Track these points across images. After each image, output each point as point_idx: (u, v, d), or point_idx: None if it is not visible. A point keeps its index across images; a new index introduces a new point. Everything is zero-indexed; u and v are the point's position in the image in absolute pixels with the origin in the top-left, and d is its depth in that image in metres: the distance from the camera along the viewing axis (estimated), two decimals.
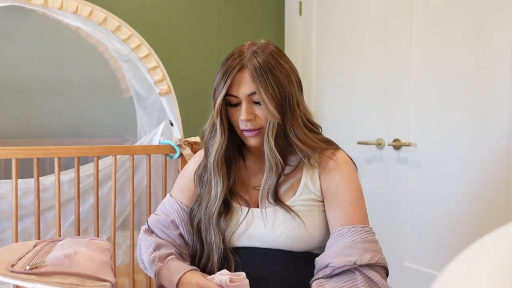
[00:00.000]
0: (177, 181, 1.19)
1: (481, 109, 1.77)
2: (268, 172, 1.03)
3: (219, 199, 1.04)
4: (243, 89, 0.99)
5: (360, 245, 0.94)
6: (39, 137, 2.44)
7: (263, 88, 0.97)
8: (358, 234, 0.96)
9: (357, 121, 2.30)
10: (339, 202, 1.01)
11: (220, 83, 1.00)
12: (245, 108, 1.00)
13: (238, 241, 1.04)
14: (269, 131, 1.00)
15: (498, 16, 1.71)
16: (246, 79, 0.99)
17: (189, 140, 1.92)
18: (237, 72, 0.99)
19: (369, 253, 0.93)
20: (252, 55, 0.99)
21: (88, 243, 1.00)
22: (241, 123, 1.02)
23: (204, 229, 1.06)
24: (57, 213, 1.65)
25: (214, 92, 1.02)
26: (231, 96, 1.01)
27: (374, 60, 2.21)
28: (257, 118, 1.01)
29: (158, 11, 2.52)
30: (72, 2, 1.68)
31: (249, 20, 2.76)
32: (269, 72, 0.98)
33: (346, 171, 1.04)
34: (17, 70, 2.42)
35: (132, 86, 2.25)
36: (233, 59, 1.00)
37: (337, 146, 1.10)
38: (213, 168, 1.05)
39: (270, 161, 1.01)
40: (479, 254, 0.37)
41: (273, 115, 0.98)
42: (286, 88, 1.00)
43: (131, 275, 1.82)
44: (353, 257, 0.92)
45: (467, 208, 1.83)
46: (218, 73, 1.02)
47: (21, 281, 0.81)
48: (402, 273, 2.04)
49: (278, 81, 0.99)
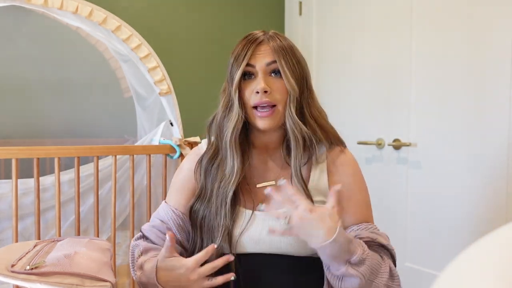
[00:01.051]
0: (172, 184, 1.12)
1: (481, 109, 1.77)
2: (295, 149, 0.98)
3: (235, 175, 0.98)
4: (262, 58, 0.97)
5: (378, 232, 0.98)
6: (39, 137, 2.45)
7: (284, 60, 0.97)
8: (374, 229, 0.99)
9: (357, 121, 2.30)
10: (354, 204, 1.01)
11: (240, 54, 0.98)
12: (263, 78, 0.97)
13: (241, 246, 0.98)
14: (291, 104, 0.97)
15: (499, 17, 1.71)
16: (267, 50, 0.98)
17: (189, 140, 1.92)
18: (258, 44, 0.98)
19: (385, 240, 0.97)
20: (271, 36, 1.00)
21: (88, 243, 1.00)
22: (255, 96, 0.97)
23: (215, 213, 1.00)
24: (57, 213, 1.65)
25: (232, 67, 0.99)
26: (249, 66, 0.98)
27: (374, 60, 2.21)
28: (273, 91, 0.97)
29: (158, 11, 2.52)
30: (72, 2, 1.68)
31: (249, 20, 2.76)
32: (289, 49, 0.99)
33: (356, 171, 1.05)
34: (17, 70, 2.42)
35: (132, 86, 2.25)
36: (252, 35, 1.00)
37: (344, 144, 1.08)
38: (230, 144, 0.98)
39: (296, 136, 0.97)
40: (479, 254, 0.37)
41: (293, 86, 0.97)
42: (304, 69, 1.01)
43: (131, 275, 1.82)
44: (373, 235, 0.95)
45: (467, 208, 1.83)
46: (234, 51, 1.00)
47: (21, 281, 0.81)
48: (402, 273, 2.03)
49: (297, 60, 1.00)
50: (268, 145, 1.06)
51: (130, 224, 1.82)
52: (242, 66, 0.97)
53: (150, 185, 1.87)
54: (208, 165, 1.04)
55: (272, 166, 1.05)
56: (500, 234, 0.38)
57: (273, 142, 1.05)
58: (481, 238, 0.39)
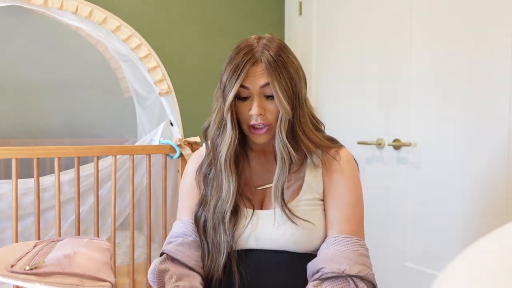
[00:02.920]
0: (181, 195, 1.13)
1: (481, 109, 1.77)
2: (280, 168, 1.00)
3: (232, 197, 1.01)
4: (256, 81, 0.97)
5: (351, 256, 0.94)
6: (39, 137, 2.45)
7: (277, 82, 0.96)
8: (352, 245, 0.96)
9: (357, 121, 2.30)
10: (338, 202, 1.02)
11: (232, 77, 0.97)
12: (257, 102, 0.98)
13: (244, 243, 1.02)
14: (281, 126, 0.98)
15: (499, 16, 1.71)
16: (260, 72, 0.97)
17: (189, 140, 1.92)
18: (250, 66, 0.97)
19: (359, 266, 0.93)
20: (264, 49, 0.98)
21: (88, 243, 1.00)
22: (252, 118, 0.99)
23: (213, 229, 1.02)
24: (57, 213, 1.65)
25: (225, 87, 0.99)
26: (243, 88, 0.98)
27: (374, 60, 2.21)
28: (267, 113, 0.99)
29: (158, 11, 2.52)
30: (72, 2, 1.68)
31: (249, 20, 2.76)
32: (282, 66, 0.97)
33: (348, 171, 1.04)
34: (17, 70, 2.42)
35: (132, 86, 2.25)
36: (244, 53, 0.98)
37: (340, 144, 1.10)
38: (225, 165, 1.01)
39: (283, 157, 0.99)
40: (479, 254, 0.37)
41: (285, 110, 0.97)
42: (297, 84, 1.00)
43: (131, 275, 1.82)
44: (342, 265, 0.92)
45: (467, 208, 1.83)
46: (228, 67, 0.99)
47: (21, 281, 0.81)
48: (402, 273, 2.04)
49: (290, 76, 0.98)
50: (265, 149, 1.09)
51: (130, 224, 1.82)
52: (234, 89, 0.97)
53: (150, 185, 1.87)
54: (206, 171, 1.07)
55: (271, 168, 1.07)
56: (500, 234, 0.38)
57: (270, 146, 1.08)
58: (481, 238, 0.39)
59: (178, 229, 1.08)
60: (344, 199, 1.02)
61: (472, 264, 0.36)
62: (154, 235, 2.09)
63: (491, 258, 0.35)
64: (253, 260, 1.01)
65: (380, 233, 2.17)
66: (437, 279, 0.37)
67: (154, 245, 2.09)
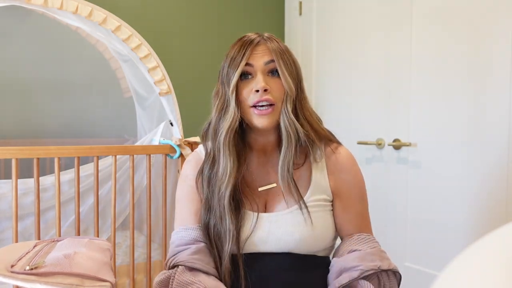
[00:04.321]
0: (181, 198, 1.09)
1: (481, 109, 1.77)
2: (286, 147, 0.99)
3: (229, 175, 0.97)
4: (260, 58, 0.98)
5: (378, 253, 1.00)
6: (39, 137, 2.44)
7: (282, 60, 0.99)
8: (373, 243, 1.03)
9: (357, 121, 2.30)
10: (352, 202, 1.04)
11: (237, 55, 0.98)
12: (262, 77, 0.98)
13: (251, 247, 1.00)
14: (287, 102, 0.98)
15: (498, 17, 1.71)
16: (265, 50, 0.99)
17: (189, 140, 1.92)
18: (255, 45, 0.99)
19: (386, 260, 0.99)
20: (267, 37, 1.02)
21: (88, 243, 1.00)
22: (254, 95, 0.97)
23: (220, 219, 0.98)
24: (57, 213, 1.65)
25: (228, 67, 0.99)
26: (247, 65, 0.98)
27: (374, 60, 2.21)
28: (272, 90, 0.98)
29: (158, 11, 2.52)
30: (72, 2, 1.68)
31: (249, 20, 2.76)
32: (286, 51, 1.01)
33: (356, 171, 1.08)
34: (17, 70, 2.42)
35: (132, 86, 2.25)
36: (247, 37, 1.01)
37: (339, 141, 1.11)
38: (224, 143, 0.98)
39: (289, 134, 0.98)
40: (479, 254, 0.37)
41: (290, 86, 0.98)
42: (299, 71, 1.04)
43: (131, 275, 1.82)
44: (376, 262, 0.97)
45: (467, 208, 1.83)
46: (228, 54, 1.01)
47: (21, 282, 0.81)
48: (402, 273, 2.04)
49: (292, 60, 1.02)
50: (265, 147, 1.07)
51: (130, 224, 1.82)
52: (241, 66, 0.97)
53: (150, 185, 1.87)
54: (209, 173, 1.04)
55: (272, 169, 1.06)
56: (500, 234, 0.38)
57: (270, 143, 1.06)
58: (481, 238, 0.39)
59: (186, 235, 1.02)
60: (354, 198, 1.05)
61: (472, 264, 0.36)
62: (154, 235, 2.09)
63: (491, 258, 0.35)
64: (260, 263, 1.00)
65: (380, 233, 2.16)
66: (437, 279, 0.37)
67: (154, 245, 2.09)
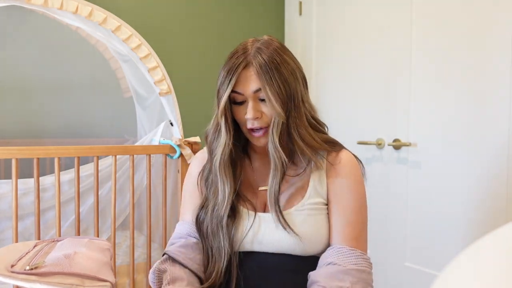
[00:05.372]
0: (184, 194, 1.13)
1: (481, 109, 1.77)
2: (273, 172, 0.99)
3: (227, 201, 1.00)
4: (248, 86, 0.97)
5: (354, 273, 0.92)
6: (39, 137, 2.45)
7: (269, 86, 0.95)
8: (355, 258, 0.95)
9: (357, 121, 2.30)
10: (343, 208, 1.00)
11: (224, 82, 0.98)
12: (252, 106, 0.97)
13: (247, 246, 1.01)
14: (274, 129, 0.98)
15: (498, 17, 1.71)
16: (252, 76, 0.97)
17: (189, 140, 1.92)
18: (242, 69, 0.97)
19: (361, 284, 0.91)
20: (256, 52, 0.97)
21: (88, 243, 1.00)
22: (248, 121, 1.00)
23: (211, 233, 1.02)
24: (57, 213, 1.65)
25: (218, 91, 1.00)
26: (236, 93, 0.98)
27: (374, 60, 2.21)
28: (263, 115, 0.99)
29: (158, 11, 2.52)
30: (72, 2, 1.68)
31: (249, 20, 2.76)
32: (274, 69, 0.96)
33: (353, 175, 1.03)
34: (17, 70, 2.42)
35: (132, 86, 2.25)
36: (237, 56, 0.98)
37: (341, 146, 1.08)
38: (219, 169, 1.01)
39: (275, 161, 0.98)
40: (479, 254, 0.37)
41: (279, 113, 0.96)
42: (292, 86, 0.98)
43: (131, 275, 1.82)
44: (344, 283, 0.90)
45: (467, 208, 1.83)
46: (222, 71, 1.00)
47: (21, 281, 0.81)
48: (402, 273, 2.04)
49: (283, 79, 0.97)
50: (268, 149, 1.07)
51: (130, 224, 1.82)
52: (226, 94, 0.97)
53: (150, 185, 1.87)
54: (208, 175, 1.07)
55: None
56: (500, 234, 0.38)
57: None
58: (481, 238, 0.39)
59: (181, 229, 1.08)
60: (347, 205, 1.00)
61: (472, 264, 0.36)
62: (154, 235, 2.09)
63: (491, 258, 0.35)
64: (257, 262, 1.00)
65: (380, 233, 2.17)
66: (437, 279, 0.37)
67: (154, 245, 2.09)
